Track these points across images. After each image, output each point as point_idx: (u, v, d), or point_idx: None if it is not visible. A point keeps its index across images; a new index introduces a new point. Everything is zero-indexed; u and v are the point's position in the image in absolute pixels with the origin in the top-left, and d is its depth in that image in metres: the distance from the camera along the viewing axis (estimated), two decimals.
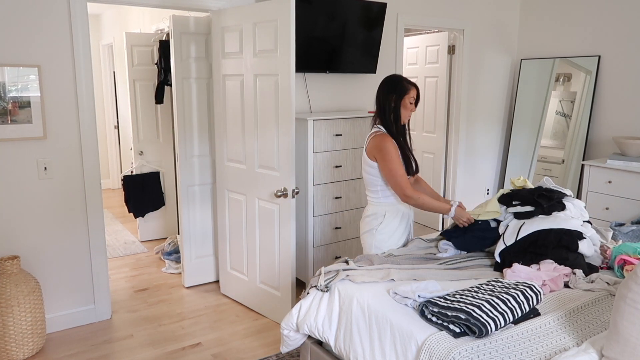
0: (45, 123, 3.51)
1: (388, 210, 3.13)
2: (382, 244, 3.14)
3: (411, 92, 3.03)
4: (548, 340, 2.11)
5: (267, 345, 3.55)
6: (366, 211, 3.22)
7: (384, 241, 3.14)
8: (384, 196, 3.12)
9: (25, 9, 3.36)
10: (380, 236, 3.13)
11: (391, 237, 3.15)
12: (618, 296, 1.93)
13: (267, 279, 3.87)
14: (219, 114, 4.05)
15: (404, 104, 3.03)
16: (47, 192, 3.59)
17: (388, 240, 3.14)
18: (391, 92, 3.02)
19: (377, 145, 3.00)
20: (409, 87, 3.03)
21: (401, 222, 3.18)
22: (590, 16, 5.23)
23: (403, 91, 3.02)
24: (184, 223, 4.41)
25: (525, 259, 2.81)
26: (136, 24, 6.53)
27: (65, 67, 3.53)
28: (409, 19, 5.02)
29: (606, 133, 5.18)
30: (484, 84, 5.77)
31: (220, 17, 3.87)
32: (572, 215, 3.00)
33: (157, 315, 4.01)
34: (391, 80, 3.06)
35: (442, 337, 2.12)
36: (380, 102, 3.05)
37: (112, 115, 8.21)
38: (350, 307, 2.52)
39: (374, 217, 3.14)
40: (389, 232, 3.13)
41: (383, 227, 3.12)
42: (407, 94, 3.02)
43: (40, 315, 3.42)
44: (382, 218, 3.12)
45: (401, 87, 3.02)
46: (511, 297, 2.26)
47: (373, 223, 3.14)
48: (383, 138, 2.99)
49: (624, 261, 2.79)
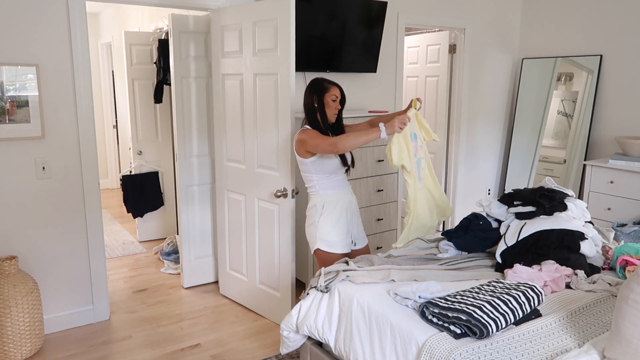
0: (44, 122, 3.49)
1: (327, 200, 3.19)
2: (325, 235, 3.17)
3: (332, 91, 3.13)
4: (549, 341, 2.10)
5: (267, 347, 3.54)
6: (308, 205, 3.28)
7: (327, 232, 3.17)
8: (321, 188, 3.19)
9: (24, 7, 3.34)
10: (323, 228, 3.17)
11: (334, 227, 3.18)
12: (620, 297, 1.92)
13: (266, 279, 3.86)
14: (218, 113, 4.03)
15: (327, 103, 3.12)
16: (45, 192, 3.58)
17: (331, 231, 3.18)
18: (313, 93, 3.14)
19: (298, 139, 3.11)
20: (329, 86, 3.14)
21: (342, 212, 3.21)
22: (592, 15, 5.22)
23: (323, 90, 3.13)
24: (183, 223, 4.40)
25: (526, 259, 2.81)
26: (135, 22, 6.51)
27: (63, 66, 3.52)
28: (409, 18, 5.01)
29: (608, 133, 5.17)
30: (485, 83, 5.75)
31: (219, 15, 3.86)
32: (573, 215, 2.99)
33: (156, 316, 3.99)
34: (312, 83, 3.18)
35: (443, 338, 2.12)
36: (306, 105, 3.16)
37: (110, 115, 8.20)
38: (351, 308, 2.52)
39: (314, 209, 3.20)
40: (331, 222, 3.17)
41: (324, 218, 3.17)
42: (328, 92, 3.12)
43: (39, 315, 3.41)
44: (322, 209, 3.17)
45: (321, 87, 3.14)
46: (512, 297, 2.26)
47: (314, 216, 3.20)
48: (304, 130, 3.12)
49: (626, 262, 2.78)
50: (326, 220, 3.16)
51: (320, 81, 3.18)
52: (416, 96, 6.02)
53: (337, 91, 3.16)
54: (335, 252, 3.16)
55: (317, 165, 3.14)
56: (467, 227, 3.19)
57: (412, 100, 3.17)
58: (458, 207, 5.85)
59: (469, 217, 3.24)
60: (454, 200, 5.84)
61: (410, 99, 3.47)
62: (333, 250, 3.16)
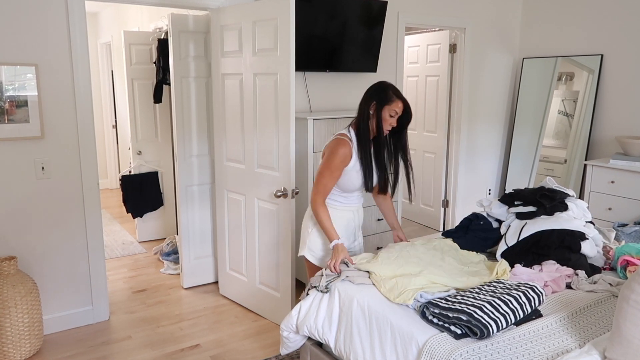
0: (43, 122, 3.48)
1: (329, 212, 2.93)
2: (314, 246, 2.98)
3: (394, 104, 2.75)
4: (550, 341, 2.10)
5: (267, 347, 3.53)
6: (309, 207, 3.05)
7: (317, 244, 2.98)
8: (329, 198, 2.93)
9: (23, 7, 3.33)
10: (314, 237, 2.97)
11: (325, 242, 2.96)
12: (621, 297, 1.92)
13: (266, 279, 3.85)
14: (218, 113, 4.02)
15: (383, 115, 2.77)
16: (45, 192, 3.57)
17: (322, 245, 2.97)
18: (372, 98, 2.79)
19: (330, 147, 2.82)
20: (394, 99, 2.76)
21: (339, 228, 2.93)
22: (592, 14, 5.21)
23: (385, 100, 2.76)
24: (183, 223, 4.39)
25: (527, 259, 2.81)
26: (134, 22, 6.50)
27: (62, 66, 3.51)
28: (409, 17, 5.00)
29: (609, 133, 5.16)
30: (485, 83, 5.75)
31: (219, 15, 3.85)
32: (574, 215, 2.99)
33: (155, 316, 3.99)
34: (378, 87, 2.82)
35: (443, 338, 2.11)
36: (361, 107, 2.84)
37: (110, 115, 8.19)
38: (351, 308, 2.51)
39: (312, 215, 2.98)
40: (322, 234, 2.95)
41: (318, 229, 2.96)
42: (389, 105, 2.75)
43: (38, 316, 3.40)
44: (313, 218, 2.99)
45: (385, 95, 2.76)
46: (513, 298, 2.26)
47: (309, 222, 2.99)
48: (340, 143, 2.79)
49: (627, 262, 2.78)
50: (319, 232, 2.97)
51: (385, 87, 2.79)
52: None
53: (400, 107, 2.77)
54: (321, 266, 2.98)
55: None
56: (467, 227, 3.19)
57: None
58: (458, 207, 5.84)
59: (470, 217, 3.24)
60: (454, 200, 5.83)
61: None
62: (318, 264, 2.99)
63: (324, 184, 2.81)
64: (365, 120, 2.80)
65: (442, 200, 5.93)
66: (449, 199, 5.89)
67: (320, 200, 2.83)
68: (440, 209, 5.96)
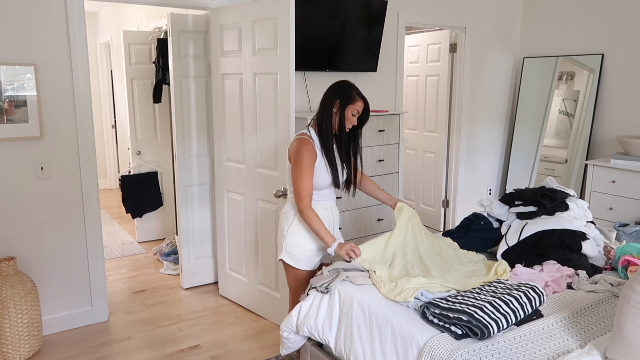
0: (42, 122, 3.47)
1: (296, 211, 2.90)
2: (291, 247, 2.89)
3: (357, 104, 2.79)
4: (551, 342, 2.09)
5: (267, 348, 3.52)
6: (282, 209, 3.02)
7: (293, 245, 2.89)
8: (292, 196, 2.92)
9: (22, 6, 3.33)
10: (290, 239, 2.88)
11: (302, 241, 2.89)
12: (622, 297, 1.91)
13: (266, 280, 3.84)
14: (217, 113, 4.02)
15: (346, 114, 2.79)
16: (44, 193, 3.56)
17: (298, 245, 2.90)
18: (335, 96, 2.80)
19: (294, 149, 2.79)
20: (357, 98, 2.79)
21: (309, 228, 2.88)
22: (593, 14, 5.20)
23: (349, 100, 2.78)
24: (183, 224, 4.38)
25: (528, 259, 2.80)
26: (134, 22, 6.50)
27: (62, 65, 3.50)
28: (409, 17, 4.99)
29: (610, 132, 5.15)
30: (485, 82, 5.74)
31: (219, 15, 3.84)
32: (575, 215, 2.98)
33: (155, 317, 3.98)
34: (341, 85, 2.83)
35: (444, 339, 2.10)
36: (323, 105, 2.82)
37: (109, 115, 8.17)
38: (351, 309, 2.51)
39: (285, 215, 2.93)
40: (299, 235, 2.88)
41: (292, 230, 2.88)
42: (352, 104, 2.78)
43: (37, 317, 3.39)
44: (293, 218, 2.91)
45: (349, 94, 2.79)
46: (514, 298, 2.25)
47: (284, 223, 2.92)
48: (302, 143, 2.77)
49: (628, 262, 2.77)
50: (295, 232, 2.88)
51: (348, 86, 2.82)
52: (417, 99, 6.01)
53: (361, 106, 2.81)
54: (299, 267, 2.90)
55: None
56: (468, 227, 3.18)
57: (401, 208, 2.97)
58: (459, 207, 5.83)
59: (470, 217, 3.23)
60: (454, 200, 5.83)
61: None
62: (296, 265, 2.90)
63: (304, 186, 2.76)
64: (328, 118, 2.80)
65: (442, 200, 5.92)
66: (449, 199, 5.88)
67: (308, 204, 2.77)
68: (441, 209, 5.95)
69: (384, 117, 4.44)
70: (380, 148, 4.41)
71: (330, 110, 2.80)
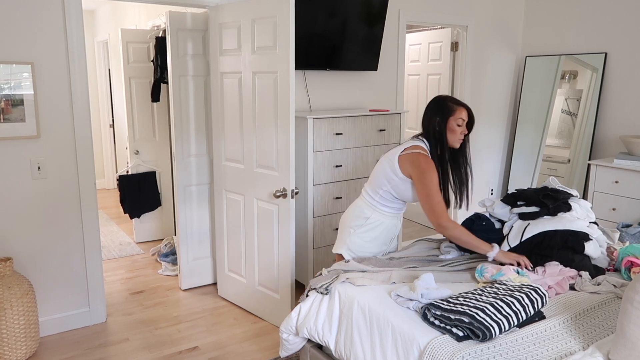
0: (39, 121, 3.45)
1: (374, 216, 2.97)
2: (356, 246, 2.99)
3: (458, 113, 2.79)
4: (553, 344, 2.09)
5: (266, 349, 3.50)
6: (354, 204, 3.06)
7: (359, 244, 2.98)
8: (380, 200, 2.96)
9: (18, 4, 3.30)
10: (357, 239, 2.98)
11: (366, 244, 3.00)
12: (625, 299, 1.90)
13: (265, 281, 3.81)
14: (216, 112, 3.99)
15: (451, 127, 2.80)
16: (41, 192, 3.54)
17: (362, 246, 2.98)
18: (435, 115, 2.81)
19: (419, 167, 2.77)
20: (455, 108, 2.79)
21: (381, 234, 3.01)
22: (596, 12, 5.18)
23: (448, 112, 2.79)
24: (181, 224, 4.35)
25: (530, 260, 2.80)
26: (132, 20, 6.48)
27: (59, 64, 3.48)
28: (411, 15, 4.97)
29: (613, 132, 5.12)
30: (487, 81, 5.71)
31: (217, 13, 3.81)
32: (578, 216, 2.97)
33: (153, 318, 3.95)
34: (435, 102, 2.85)
35: (445, 340, 2.10)
36: (425, 126, 2.87)
37: (107, 114, 8.15)
38: (351, 310, 2.51)
39: (356, 214, 2.99)
40: (365, 238, 2.98)
41: (361, 232, 2.97)
42: (453, 115, 2.79)
43: (34, 318, 3.37)
44: (364, 221, 2.96)
45: (445, 107, 2.80)
46: (516, 299, 2.25)
47: (354, 222, 2.99)
48: (428, 161, 2.78)
49: (631, 263, 2.76)
50: (365, 235, 2.98)
51: (443, 100, 2.83)
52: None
53: (465, 113, 2.79)
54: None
55: (401, 187, 2.89)
56: (469, 228, 3.15)
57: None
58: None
59: (472, 217, 3.21)
60: None
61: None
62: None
63: (438, 202, 2.77)
64: (437, 137, 2.83)
65: None
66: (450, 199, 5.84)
67: (447, 218, 2.78)
68: None
69: (385, 117, 4.41)
70: (381, 148, 4.38)
71: (434, 130, 2.83)
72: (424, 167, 2.76)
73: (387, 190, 2.94)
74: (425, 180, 2.75)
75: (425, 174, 2.75)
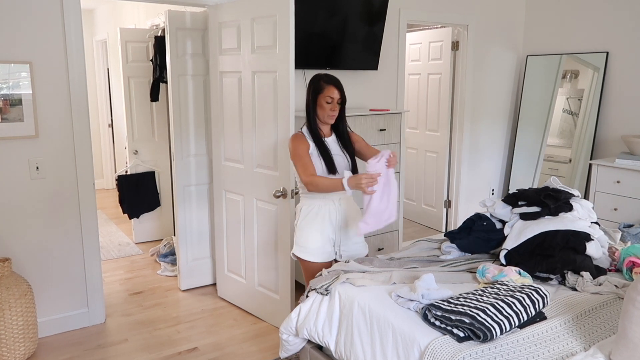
0: (37, 121, 3.44)
1: (305, 204, 3.03)
2: (301, 240, 3.01)
3: (326, 91, 2.89)
4: (555, 344, 2.09)
5: (266, 350, 3.49)
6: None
7: (301, 236, 3.01)
8: (303, 192, 3.04)
9: (17, 3, 3.29)
10: (299, 232, 3.03)
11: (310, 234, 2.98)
12: (627, 299, 1.90)
13: (265, 281, 3.80)
14: (216, 112, 3.98)
15: (320, 104, 2.91)
16: (39, 193, 3.52)
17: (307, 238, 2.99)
18: (309, 91, 2.96)
19: (289, 145, 2.99)
20: (325, 86, 2.90)
21: (323, 220, 2.98)
22: (598, 11, 5.16)
23: (318, 89, 2.91)
24: (180, 224, 4.34)
25: (531, 261, 2.78)
26: (131, 19, 6.48)
27: (57, 63, 3.46)
28: (411, 14, 4.95)
29: (614, 131, 5.10)
30: (488, 81, 5.70)
31: (217, 12, 3.80)
32: (579, 216, 2.97)
33: (152, 319, 3.94)
34: (311, 79, 2.98)
35: (446, 341, 2.10)
36: (306, 103, 3.00)
37: (106, 114, 8.13)
38: (351, 311, 2.51)
39: (298, 211, 3.08)
40: (304, 226, 3.00)
41: (300, 223, 3.03)
42: (322, 93, 2.89)
43: (32, 319, 3.36)
44: (299, 213, 3.05)
45: (317, 85, 2.92)
46: (517, 300, 2.24)
47: (296, 219, 3.09)
48: (293, 137, 2.98)
49: (633, 263, 2.76)
50: (302, 224, 3.00)
51: (317, 78, 2.96)
52: (418, 96, 5.97)
53: (334, 91, 2.89)
54: (310, 259, 2.99)
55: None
56: (470, 228, 3.16)
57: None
58: (461, 207, 5.79)
59: (473, 217, 3.20)
60: (457, 200, 5.78)
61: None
62: (307, 258, 2.99)
63: (303, 164, 2.88)
64: (310, 112, 2.96)
65: (444, 200, 5.88)
66: (451, 199, 5.84)
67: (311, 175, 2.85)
68: (443, 209, 5.91)
69: (385, 116, 4.40)
70: (382, 147, 4.35)
71: (309, 105, 2.96)
72: (291, 141, 2.98)
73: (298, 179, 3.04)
74: (293, 153, 2.93)
75: (291, 145, 2.95)
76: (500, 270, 2.56)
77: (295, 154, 2.91)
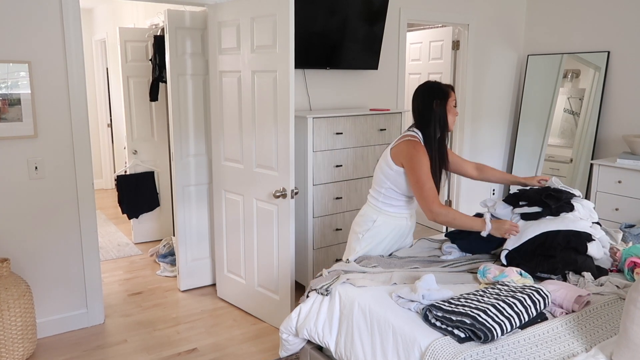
0: (36, 121, 3.43)
1: (381, 217, 2.95)
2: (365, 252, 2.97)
3: (453, 95, 2.86)
4: (556, 345, 2.08)
5: (266, 351, 3.48)
6: (361, 211, 3.06)
7: (368, 250, 2.96)
8: (384, 200, 2.94)
9: (16, 2, 3.28)
10: (365, 243, 2.96)
11: (376, 247, 2.97)
12: (628, 300, 1.90)
13: (265, 282, 3.79)
14: (215, 111, 3.97)
15: (449, 108, 2.84)
16: (38, 193, 3.51)
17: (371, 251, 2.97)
18: (433, 97, 2.83)
19: (408, 153, 2.78)
20: (450, 91, 2.86)
21: (389, 236, 2.98)
22: (599, 10, 5.15)
23: (446, 95, 2.83)
24: (180, 224, 4.33)
25: (532, 261, 2.77)
26: (130, 18, 6.47)
27: (56, 63, 3.45)
28: (411, 13, 4.94)
29: (616, 131, 5.09)
30: (489, 80, 5.69)
31: (216, 11, 3.79)
32: (580, 216, 2.96)
33: (151, 319, 3.93)
34: (429, 87, 2.87)
35: (447, 342, 2.09)
36: (421, 111, 2.86)
37: (105, 113, 8.12)
38: (352, 311, 2.50)
39: (364, 219, 2.98)
40: (375, 241, 2.96)
41: (369, 235, 2.95)
42: (450, 97, 2.84)
43: (31, 319, 3.34)
44: (372, 224, 2.95)
45: (441, 90, 2.84)
46: (518, 300, 2.23)
47: (362, 227, 2.98)
48: (416, 147, 2.78)
49: (635, 264, 2.74)
50: (372, 239, 2.96)
51: (435, 86, 2.86)
52: None
53: (454, 96, 2.89)
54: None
55: (399, 180, 2.87)
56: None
57: None
58: (462, 207, 5.78)
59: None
60: (457, 200, 5.77)
61: None
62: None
63: (429, 187, 2.75)
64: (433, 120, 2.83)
65: (445, 200, 5.87)
66: (452, 199, 5.83)
67: (439, 204, 2.75)
68: None
69: (385, 116, 4.39)
70: (382, 147, 4.36)
71: (431, 113, 2.83)
72: (413, 153, 2.76)
73: (388, 187, 2.92)
74: (414, 165, 2.74)
75: (414, 159, 2.75)
76: (501, 270, 2.55)
77: (422, 171, 2.73)
